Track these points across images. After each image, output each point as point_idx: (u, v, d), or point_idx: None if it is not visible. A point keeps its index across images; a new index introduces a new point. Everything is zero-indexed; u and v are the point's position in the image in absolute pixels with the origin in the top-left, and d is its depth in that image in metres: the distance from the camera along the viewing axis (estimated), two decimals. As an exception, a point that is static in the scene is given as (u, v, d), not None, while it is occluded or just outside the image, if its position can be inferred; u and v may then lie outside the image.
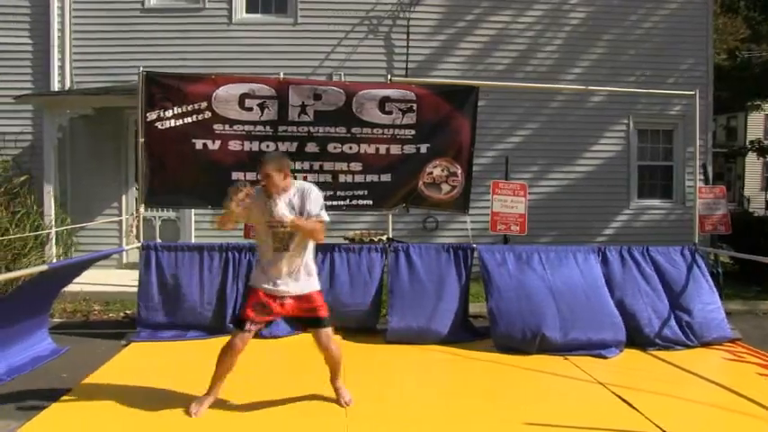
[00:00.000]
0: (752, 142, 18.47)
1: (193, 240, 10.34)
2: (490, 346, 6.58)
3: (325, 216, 4.66)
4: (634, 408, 4.91)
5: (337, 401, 4.84)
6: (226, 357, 4.64)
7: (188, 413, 4.55)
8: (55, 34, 10.64)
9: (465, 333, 6.95)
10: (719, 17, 16.90)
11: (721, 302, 7.31)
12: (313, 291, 4.75)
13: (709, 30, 12.13)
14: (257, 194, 4.63)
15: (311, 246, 4.78)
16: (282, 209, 4.57)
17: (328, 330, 4.78)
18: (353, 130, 7.20)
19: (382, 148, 7.27)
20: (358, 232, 9.47)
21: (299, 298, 4.69)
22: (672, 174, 12.14)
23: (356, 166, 7.25)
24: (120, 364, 5.88)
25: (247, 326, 4.61)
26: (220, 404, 4.78)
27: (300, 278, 4.69)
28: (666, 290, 7.13)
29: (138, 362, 6.00)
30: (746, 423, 4.74)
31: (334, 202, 7.26)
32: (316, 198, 4.66)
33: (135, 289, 7.06)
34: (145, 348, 6.42)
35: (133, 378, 5.40)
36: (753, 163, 28.91)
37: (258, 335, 6.35)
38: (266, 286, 4.64)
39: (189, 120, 6.95)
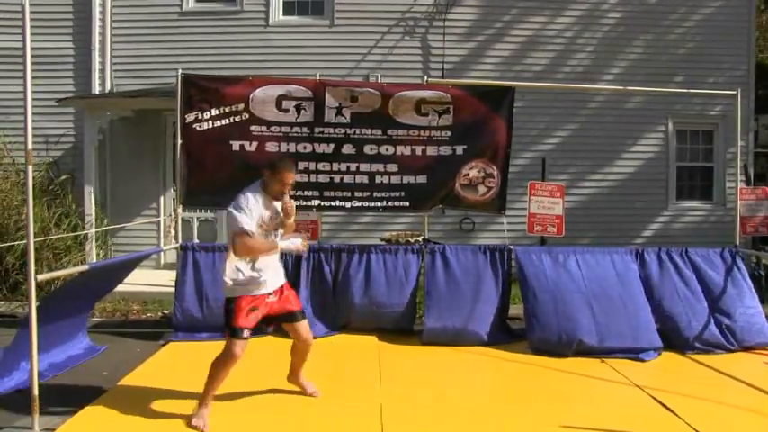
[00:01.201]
0: (795, 143, 18.02)
1: (230, 241, 10.42)
2: (526, 348, 6.54)
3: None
4: (672, 411, 4.83)
5: (304, 392, 5.04)
6: (224, 369, 4.59)
7: (193, 427, 4.42)
8: (96, 38, 10.83)
9: (502, 335, 6.91)
10: (762, 14, 16.55)
11: (763, 306, 7.15)
12: (285, 282, 4.95)
13: (751, 27, 11.90)
14: (255, 195, 4.69)
15: None
16: (278, 207, 4.78)
17: (306, 320, 4.93)
18: (389, 131, 7.20)
19: (418, 150, 7.26)
20: (395, 233, 9.47)
21: (280, 292, 4.81)
22: (712, 175, 11.91)
23: (392, 167, 7.25)
24: (157, 364, 5.96)
25: (245, 333, 4.55)
26: (252, 402, 4.83)
27: (280, 271, 4.88)
28: (706, 293, 7.00)
29: (175, 361, 6.07)
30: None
31: (371, 204, 7.29)
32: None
33: (173, 289, 7.14)
34: (182, 348, 6.50)
35: (170, 377, 5.46)
36: (796, 164, 28.29)
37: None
38: (255, 290, 4.62)
39: (226, 121, 7.02)
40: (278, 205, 4.74)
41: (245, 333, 4.53)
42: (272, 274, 4.70)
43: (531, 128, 10.94)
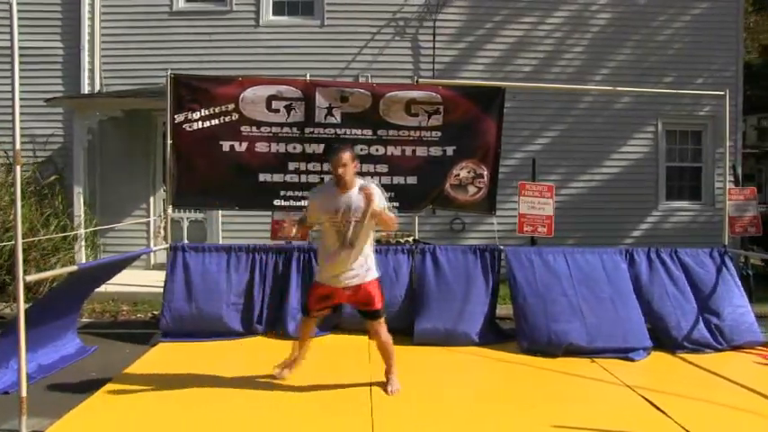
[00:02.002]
0: (783, 143, 18.17)
1: (221, 241, 10.43)
2: (516, 349, 6.54)
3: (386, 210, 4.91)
4: (662, 411, 4.84)
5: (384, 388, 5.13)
6: (302, 332, 5.42)
7: (275, 376, 5.28)
8: (85, 37, 10.79)
9: (493, 335, 6.91)
10: (751, 15, 16.66)
11: (752, 305, 7.20)
12: (368, 282, 4.97)
13: (739, 29, 11.99)
14: (324, 189, 5.00)
15: (371, 239, 5.04)
16: (357, 202, 4.76)
17: (381, 320, 5.07)
18: (380, 132, 7.20)
19: (408, 150, 7.25)
20: (385, 234, 9.46)
21: (356, 289, 4.94)
22: (701, 175, 12.00)
23: (383, 168, 7.24)
24: (147, 364, 5.92)
25: (312, 314, 5.17)
26: (245, 402, 4.81)
27: (359, 270, 4.92)
28: (695, 292, 7.03)
29: (165, 362, 6.03)
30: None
31: (361, 204, 7.28)
32: (382, 196, 4.87)
33: (162, 289, 7.10)
34: (172, 349, 6.46)
35: (161, 377, 5.43)
36: (784, 164, 28.48)
37: (286, 336, 6.45)
38: (327, 280, 4.96)
39: (216, 121, 7.00)
40: (354, 198, 4.79)
41: (312, 313, 5.18)
42: (344, 271, 4.89)
43: (521, 128, 10.96)
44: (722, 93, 8.01)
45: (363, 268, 4.95)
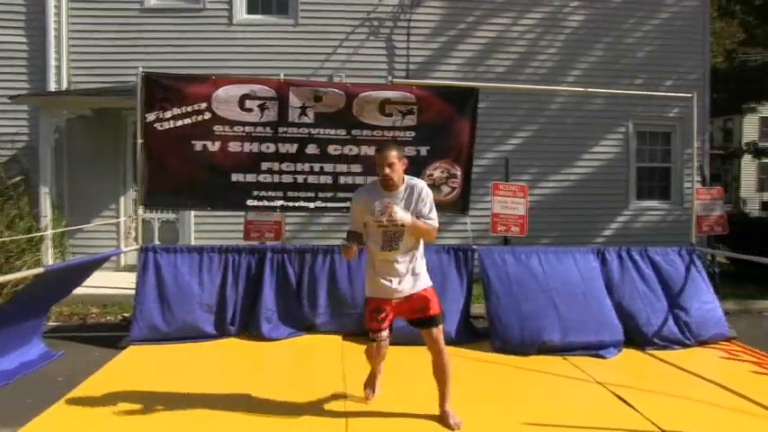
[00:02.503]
0: (747, 144, 18.59)
1: (193, 242, 10.31)
2: (490, 347, 6.57)
3: (436, 220, 4.53)
4: (632, 407, 4.92)
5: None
6: (371, 358, 4.87)
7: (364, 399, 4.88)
8: (51, 33, 10.56)
9: (466, 334, 6.90)
10: (716, 21, 16.93)
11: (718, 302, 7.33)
12: (421, 289, 4.53)
13: (706, 33, 12.20)
14: (369, 189, 4.56)
15: (422, 244, 4.60)
16: (399, 209, 4.30)
17: (439, 328, 4.55)
18: (354, 131, 7.17)
19: (383, 150, 7.23)
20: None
21: (408, 298, 4.50)
22: (670, 175, 12.17)
23: (357, 168, 7.22)
24: (117, 368, 5.82)
25: (372, 335, 4.60)
26: (217, 407, 4.74)
27: (409, 277, 4.50)
28: (665, 290, 7.14)
29: (135, 365, 5.94)
30: (741, 420, 4.80)
31: (335, 204, 7.26)
32: (430, 200, 4.49)
33: (133, 291, 6.98)
34: (143, 351, 6.36)
35: (130, 381, 5.35)
36: (748, 165, 29.07)
37: (259, 337, 6.37)
38: (375, 292, 4.53)
39: (188, 121, 6.92)
40: (398, 204, 4.37)
41: (372, 335, 4.59)
42: (394, 277, 4.46)
43: (493, 128, 11.00)
44: (690, 95, 8.13)
45: (414, 275, 4.52)
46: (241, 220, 7.65)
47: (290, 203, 7.21)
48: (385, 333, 4.57)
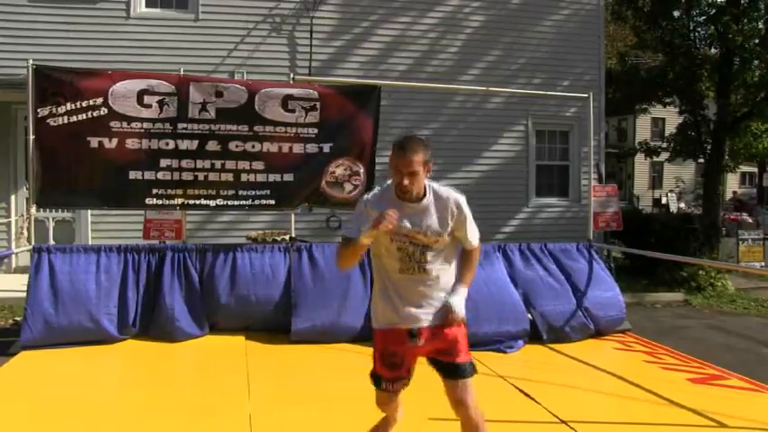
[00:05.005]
0: (640, 143, 19.38)
1: (90, 242, 9.97)
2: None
3: (478, 238, 3.67)
4: (532, 398, 5.08)
5: None
6: (381, 407, 3.73)
7: None
8: (-70, 23, 10.00)
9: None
10: (610, 24, 17.64)
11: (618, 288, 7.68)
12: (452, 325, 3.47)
13: (600, 36, 12.72)
14: (378, 197, 3.49)
15: (454, 265, 3.59)
16: (434, 223, 3.44)
17: (467, 381, 3.47)
18: (256, 128, 7.11)
19: (285, 147, 7.20)
20: (260, 232, 9.36)
21: (434, 332, 3.45)
22: (568, 173, 12.59)
23: (258, 165, 7.16)
24: (8, 375, 5.54)
25: (383, 385, 3.57)
26: (117, 411, 4.63)
27: (437, 305, 3.45)
28: (567, 281, 7.40)
29: (27, 372, 5.68)
30: (632, 406, 5.10)
31: (236, 202, 7.19)
32: (470, 216, 3.61)
33: (24, 294, 6.69)
34: (35, 357, 6.06)
35: (23, 390, 5.13)
36: (641, 163, 30.36)
37: (160, 339, 6.23)
38: (387, 323, 3.50)
39: (83, 116, 6.68)
40: (433, 217, 3.45)
41: (383, 385, 3.57)
42: (414, 308, 3.42)
43: (394, 126, 11.00)
44: (586, 95, 8.45)
45: (440, 302, 3.45)
46: (141, 218, 7.48)
47: (191, 201, 7.08)
48: (396, 386, 3.60)
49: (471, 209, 3.54)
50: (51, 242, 9.94)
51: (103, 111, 6.72)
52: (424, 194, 3.45)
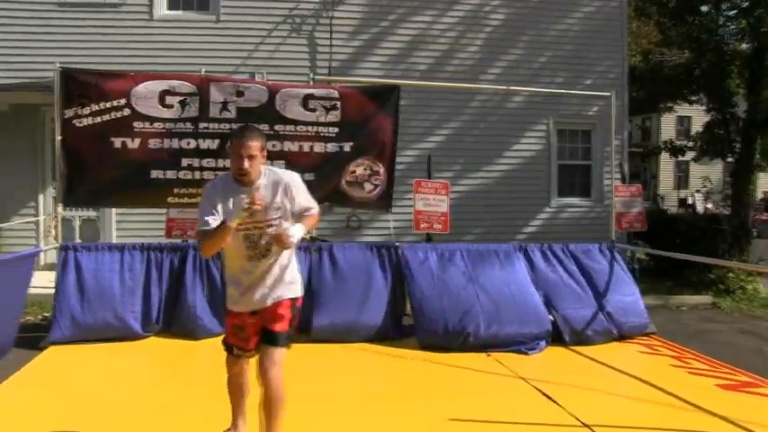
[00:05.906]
0: (665, 142, 19.12)
1: (114, 240, 10.12)
2: (416, 343, 6.66)
3: (316, 206, 3.92)
4: (554, 401, 5.04)
5: None
6: (229, 386, 3.99)
7: None
8: (-38, 27, 10.21)
9: (392, 331, 7.00)
10: (633, 21, 17.48)
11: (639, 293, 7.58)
12: (286, 298, 3.77)
13: (624, 33, 12.58)
14: (221, 186, 3.75)
15: (293, 252, 3.89)
16: (273, 202, 3.71)
17: (277, 350, 3.69)
18: (276, 127, 7.16)
19: (306, 146, 7.26)
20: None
21: (266, 310, 3.75)
22: (590, 173, 12.49)
23: (279, 164, 7.18)
24: (36, 370, 5.69)
25: (235, 351, 3.90)
26: (141, 407, 4.69)
27: (279, 285, 3.77)
28: (588, 283, 7.36)
29: (55, 366, 5.83)
30: (658, 411, 4.97)
31: (258, 201, 7.23)
32: (302, 186, 3.86)
33: (53, 291, 6.81)
34: (63, 352, 6.23)
35: (51, 384, 5.26)
36: (666, 162, 30.12)
37: (182, 336, 6.30)
38: (237, 304, 3.82)
39: (107, 117, 6.80)
40: (271, 200, 3.71)
41: (235, 351, 3.90)
42: (260, 289, 3.74)
43: (415, 126, 11.11)
44: (609, 93, 8.39)
45: (281, 284, 3.78)
46: (163, 217, 7.58)
47: (212, 200, 7.15)
48: (243, 353, 3.91)
49: (493, 208, 3.63)
50: (78, 240, 10.10)
51: (126, 111, 6.84)
52: (259, 178, 3.71)
